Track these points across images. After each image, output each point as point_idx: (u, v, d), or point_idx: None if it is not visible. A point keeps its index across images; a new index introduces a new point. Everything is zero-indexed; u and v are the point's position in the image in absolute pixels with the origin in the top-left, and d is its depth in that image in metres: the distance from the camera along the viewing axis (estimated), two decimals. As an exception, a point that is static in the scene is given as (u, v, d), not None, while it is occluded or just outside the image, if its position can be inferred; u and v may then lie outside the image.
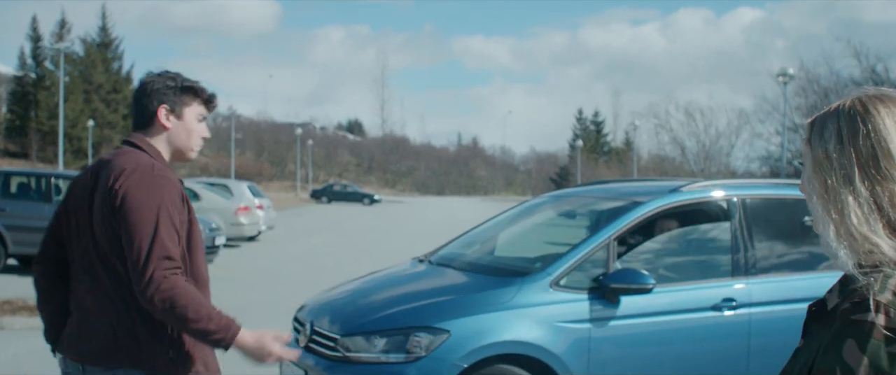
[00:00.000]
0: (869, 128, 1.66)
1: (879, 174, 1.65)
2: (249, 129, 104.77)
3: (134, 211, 3.13)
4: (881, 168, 1.65)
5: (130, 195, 3.15)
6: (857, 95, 1.74)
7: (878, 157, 1.65)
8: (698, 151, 76.14)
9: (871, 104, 1.70)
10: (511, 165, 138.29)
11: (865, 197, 1.65)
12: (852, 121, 1.69)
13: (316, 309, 6.44)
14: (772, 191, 7.08)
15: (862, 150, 1.66)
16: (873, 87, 1.77)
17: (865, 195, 1.65)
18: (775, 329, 6.42)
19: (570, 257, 6.01)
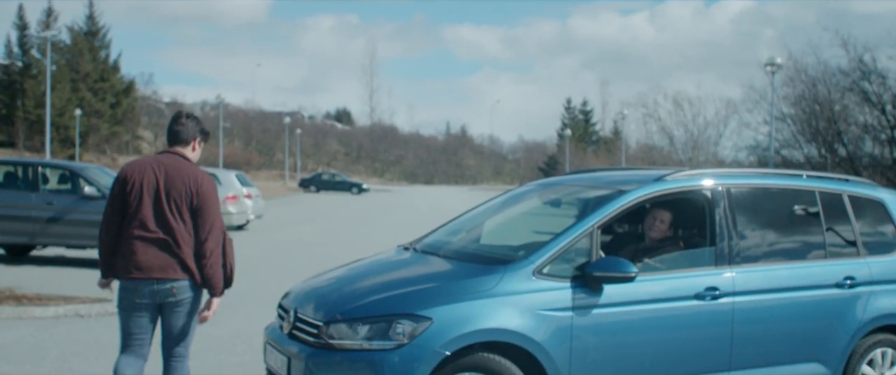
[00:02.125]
0: None
1: None
2: (238, 118, 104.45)
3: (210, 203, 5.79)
4: None
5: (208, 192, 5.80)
6: None
7: None
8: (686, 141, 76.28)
9: None
10: (499, 154, 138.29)
11: None
12: None
13: (300, 296, 6.44)
14: (757, 181, 7.10)
15: None
16: None
17: None
18: (758, 317, 6.45)
19: (554, 245, 6.02)
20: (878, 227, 7.25)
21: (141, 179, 5.70)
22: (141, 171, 5.74)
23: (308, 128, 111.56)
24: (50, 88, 53.66)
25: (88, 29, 78.76)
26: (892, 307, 6.87)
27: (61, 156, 66.61)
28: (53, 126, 62.64)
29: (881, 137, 41.83)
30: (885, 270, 6.98)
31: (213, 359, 8.76)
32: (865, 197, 7.28)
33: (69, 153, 68.45)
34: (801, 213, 7.02)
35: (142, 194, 5.68)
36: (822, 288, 6.72)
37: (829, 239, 6.97)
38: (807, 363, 6.63)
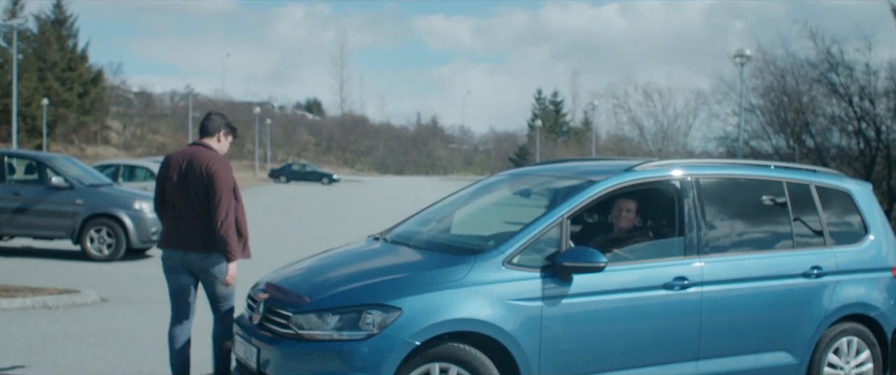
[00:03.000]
0: None
1: None
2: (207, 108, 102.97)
3: (218, 180, 6.65)
4: None
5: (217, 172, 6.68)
6: None
7: None
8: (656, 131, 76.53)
9: None
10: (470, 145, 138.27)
11: None
12: None
13: (270, 287, 6.42)
14: (726, 171, 7.13)
15: None
16: None
17: None
18: (727, 307, 6.50)
19: (523, 235, 6.03)
20: (845, 218, 7.31)
21: (172, 166, 6.81)
22: (173, 160, 6.86)
23: (278, 119, 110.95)
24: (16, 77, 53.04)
25: (56, 17, 77.93)
26: (858, 296, 6.93)
27: (28, 146, 65.93)
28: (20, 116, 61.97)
29: (848, 129, 42.15)
30: (852, 260, 7.05)
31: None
32: (832, 187, 7.33)
33: (36, 143, 67.73)
34: (769, 204, 7.06)
35: (172, 179, 6.76)
36: (789, 277, 6.77)
37: (797, 230, 7.02)
38: (774, 351, 6.68)
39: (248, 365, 6.12)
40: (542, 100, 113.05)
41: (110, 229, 15.69)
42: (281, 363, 5.73)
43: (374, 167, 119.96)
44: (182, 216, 6.74)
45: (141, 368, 7.95)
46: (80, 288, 11.83)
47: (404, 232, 7.15)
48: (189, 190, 6.69)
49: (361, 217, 30.12)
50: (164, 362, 8.19)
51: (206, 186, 6.66)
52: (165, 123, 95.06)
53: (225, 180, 6.70)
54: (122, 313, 10.61)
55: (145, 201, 16.09)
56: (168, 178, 6.79)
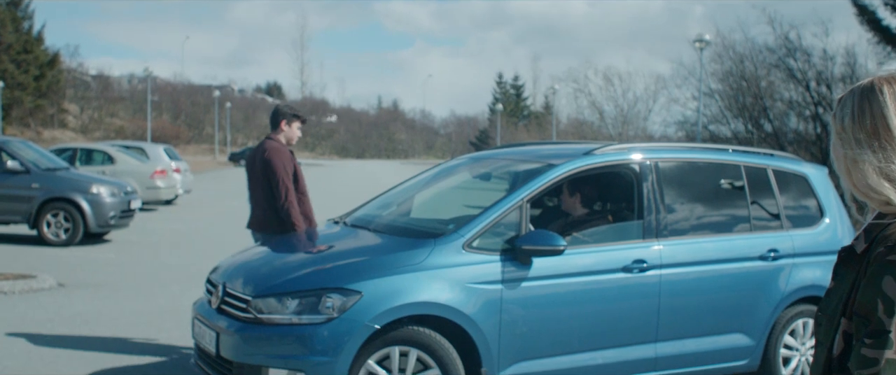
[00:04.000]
0: (873, 108, 2.04)
1: (881, 146, 2.02)
2: (166, 92, 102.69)
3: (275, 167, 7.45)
4: (882, 140, 2.02)
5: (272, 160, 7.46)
6: (871, 78, 2.09)
7: (880, 133, 2.03)
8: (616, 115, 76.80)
9: (879, 84, 2.06)
10: (431, 129, 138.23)
11: (875, 165, 2.02)
12: (863, 99, 2.06)
13: (229, 271, 6.39)
14: (685, 155, 7.17)
15: (867, 126, 2.04)
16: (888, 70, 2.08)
17: (875, 163, 2.02)
18: (685, 289, 6.55)
19: (483, 219, 6.04)
20: (802, 201, 7.38)
21: (248, 159, 7.82)
22: (249, 154, 7.87)
23: (238, 102, 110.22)
24: (-29, 60, 52.27)
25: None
26: (814, 278, 7.01)
27: (-16, 129, 65.05)
28: (-25, 98, 61.13)
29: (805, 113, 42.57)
30: (808, 243, 7.12)
31: (142, 335, 8.67)
32: (789, 171, 7.40)
33: (-8, 126, 66.85)
34: (727, 187, 7.12)
35: (248, 170, 7.74)
36: (746, 260, 6.83)
37: (754, 213, 7.09)
38: (731, 333, 6.75)
39: (207, 350, 6.09)
40: (503, 84, 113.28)
41: (67, 213, 15.52)
42: (240, 347, 5.71)
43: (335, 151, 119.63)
44: (256, 201, 7.67)
45: (98, 353, 7.89)
46: (37, 273, 11.70)
47: (364, 216, 7.14)
48: (258, 179, 7.59)
49: (321, 201, 30.00)
50: (122, 346, 8.15)
51: (267, 173, 7.46)
52: (124, 107, 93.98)
53: (280, 167, 7.46)
54: (79, 298, 10.52)
55: (103, 185, 15.93)
56: (247, 169, 7.78)
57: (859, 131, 2.06)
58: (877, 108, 2.05)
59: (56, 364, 7.51)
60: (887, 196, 2.03)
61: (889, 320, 1.92)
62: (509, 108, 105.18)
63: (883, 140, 2.03)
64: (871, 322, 1.95)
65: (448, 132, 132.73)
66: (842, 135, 2.11)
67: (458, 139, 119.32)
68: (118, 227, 16.40)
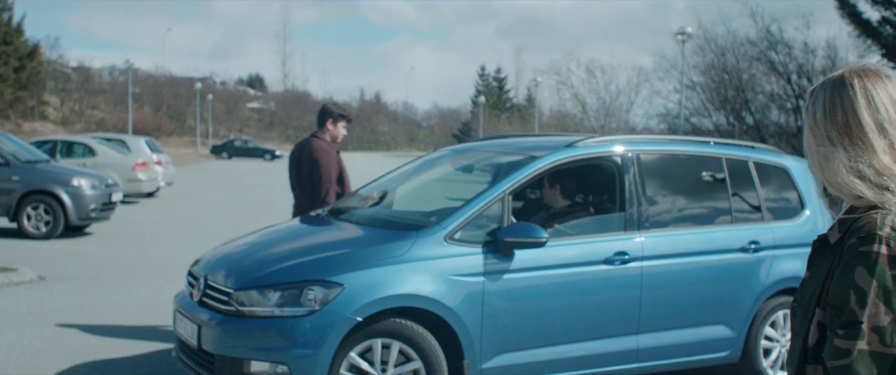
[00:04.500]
0: (845, 103, 2.06)
1: (852, 142, 2.04)
2: (148, 84, 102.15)
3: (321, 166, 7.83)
4: (853, 136, 2.04)
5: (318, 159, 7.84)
6: (843, 70, 2.11)
7: (851, 128, 2.04)
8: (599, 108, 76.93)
9: (851, 78, 2.08)
10: (414, 121, 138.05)
11: (845, 163, 2.04)
12: (834, 94, 2.09)
13: (211, 264, 6.37)
14: (666, 147, 7.19)
15: (839, 121, 2.06)
16: (859, 62, 2.14)
17: (845, 161, 2.04)
18: (666, 281, 6.57)
19: (465, 211, 6.04)
20: (783, 193, 7.41)
21: (292, 155, 8.21)
22: (294, 150, 8.24)
23: (220, 94, 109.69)
24: (-50, 52, 51.89)
25: (-10, -10, 76.26)
26: (795, 270, 7.04)
27: (-37, 121, 64.58)
28: (-46, 91, 60.69)
29: (786, 106, 42.78)
30: (789, 234, 7.15)
31: (123, 328, 8.63)
32: (770, 163, 7.43)
33: (-29, 119, 66.39)
34: (709, 179, 7.14)
35: (291, 165, 8.15)
36: (727, 252, 6.86)
37: (735, 205, 7.11)
38: (713, 325, 6.77)
39: (188, 343, 6.07)
40: (486, 77, 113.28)
41: (48, 206, 15.44)
42: (222, 340, 5.69)
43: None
44: (299, 194, 8.05)
45: (79, 346, 7.86)
46: (17, 266, 11.64)
47: (346, 208, 7.13)
48: (301, 174, 7.96)
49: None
50: (102, 340, 8.12)
51: (312, 170, 7.85)
52: (105, 99, 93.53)
53: (325, 166, 7.85)
54: (60, 291, 10.47)
55: (84, 178, 15.85)
56: (290, 165, 8.17)
57: (831, 127, 2.08)
58: (847, 103, 2.06)
59: (36, 358, 7.48)
60: (858, 190, 2.04)
61: (861, 311, 1.93)
62: (492, 101, 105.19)
63: (854, 136, 2.05)
64: (844, 313, 1.96)
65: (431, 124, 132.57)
66: (814, 129, 2.12)
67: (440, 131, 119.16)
68: (99, 220, 16.32)
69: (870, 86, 2.07)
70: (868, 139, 2.04)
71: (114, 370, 7.24)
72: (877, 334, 1.93)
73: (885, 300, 1.93)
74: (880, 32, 29.90)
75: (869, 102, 2.06)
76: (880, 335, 1.93)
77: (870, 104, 2.06)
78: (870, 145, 2.04)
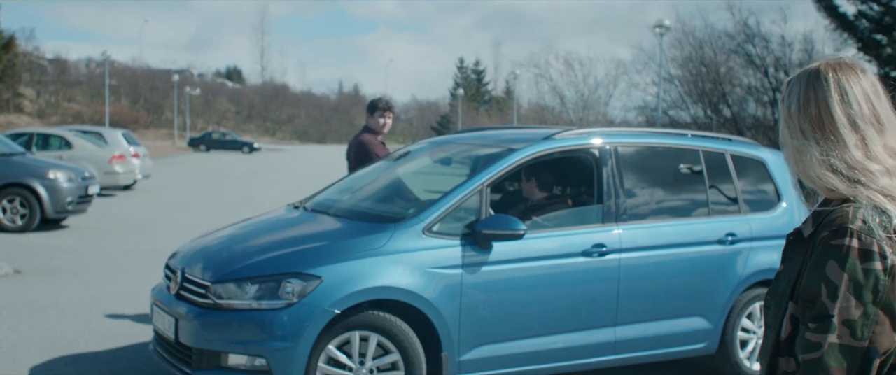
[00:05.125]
0: (818, 96, 2.08)
1: (825, 136, 2.06)
2: (124, 76, 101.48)
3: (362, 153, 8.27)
4: (826, 130, 2.06)
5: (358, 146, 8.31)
6: (819, 62, 2.13)
7: (823, 122, 2.06)
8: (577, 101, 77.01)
9: (825, 72, 2.11)
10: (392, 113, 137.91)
11: (817, 156, 2.06)
12: (809, 87, 2.11)
13: (188, 256, 6.34)
14: (644, 140, 7.21)
15: (812, 115, 2.08)
16: (835, 55, 2.17)
17: (818, 155, 2.06)
18: (644, 273, 6.59)
19: (443, 203, 6.04)
20: (759, 186, 7.45)
21: (349, 147, 8.61)
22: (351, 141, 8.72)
23: (198, 87, 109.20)
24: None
25: (-35, -18, 75.62)
26: (771, 262, 7.07)
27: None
28: (-72, 83, 60.17)
29: (764, 99, 42.98)
30: (765, 227, 7.18)
31: (100, 322, 8.59)
32: (747, 156, 7.46)
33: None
34: (686, 172, 7.17)
35: (348, 158, 8.51)
36: (705, 244, 6.88)
37: (713, 197, 7.14)
38: (690, 317, 6.80)
39: (166, 336, 6.05)
40: (465, 69, 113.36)
41: (23, 199, 15.34)
42: (199, 333, 5.67)
43: (296, 136, 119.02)
44: None
45: (56, 340, 7.82)
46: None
47: (324, 201, 7.11)
48: (354, 165, 8.22)
49: (282, 185, 29.92)
50: (79, 333, 8.08)
51: (360, 160, 8.18)
52: (81, 91, 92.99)
53: (373, 155, 8.21)
54: (35, 284, 10.41)
55: (60, 170, 15.75)
56: (347, 157, 8.55)
57: (804, 120, 2.09)
58: (821, 97, 2.08)
59: (12, 352, 7.44)
60: (831, 184, 2.06)
61: (832, 304, 1.95)
62: (470, 93, 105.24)
63: (827, 129, 2.06)
64: (815, 307, 1.98)
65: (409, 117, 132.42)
66: (789, 122, 2.14)
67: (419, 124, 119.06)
68: (76, 213, 16.22)
69: (844, 81, 2.08)
70: (840, 134, 2.05)
71: (90, 363, 7.21)
72: (847, 327, 1.94)
73: (855, 293, 1.94)
74: (856, 26, 30.06)
75: (842, 97, 2.07)
76: (851, 328, 1.94)
77: (843, 99, 2.07)
78: (842, 140, 2.05)
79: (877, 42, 29.49)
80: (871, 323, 1.95)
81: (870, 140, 2.06)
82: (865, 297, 1.94)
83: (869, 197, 2.02)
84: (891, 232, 1.98)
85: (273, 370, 5.49)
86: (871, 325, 1.95)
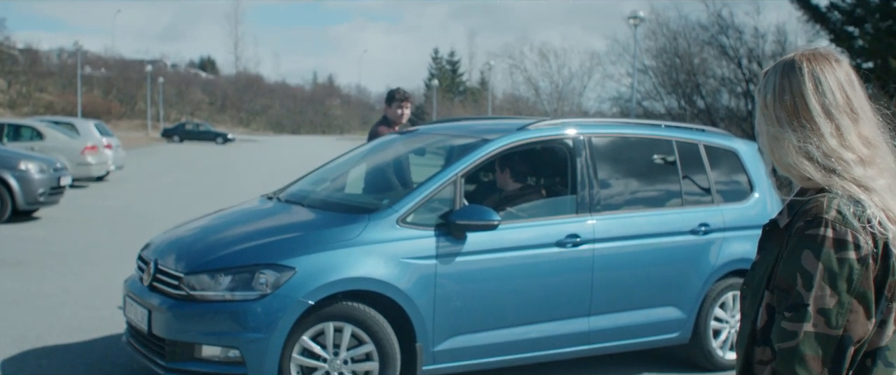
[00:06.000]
0: (793, 86, 2.10)
1: (801, 124, 2.07)
2: (97, 66, 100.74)
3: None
4: (801, 119, 2.08)
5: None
6: (795, 53, 2.14)
7: (799, 112, 2.08)
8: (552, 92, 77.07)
9: (800, 62, 2.12)
10: (367, 104, 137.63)
11: (794, 143, 2.07)
12: (784, 77, 2.12)
13: (161, 248, 6.31)
14: (618, 130, 7.23)
15: (787, 104, 2.10)
16: (811, 46, 2.22)
17: (794, 142, 2.07)
18: (618, 263, 6.61)
19: (418, 194, 6.04)
20: (733, 176, 7.48)
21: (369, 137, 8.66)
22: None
23: (171, 77, 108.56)
24: None
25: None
26: (744, 252, 7.11)
27: None
28: None
29: (737, 90, 43.17)
30: (738, 217, 7.22)
31: (72, 314, 8.54)
32: (720, 146, 7.49)
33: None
34: (660, 162, 7.19)
35: None
36: (678, 234, 6.91)
37: (686, 188, 7.16)
38: (664, 306, 6.83)
39: (139, 328, 6.02)
40: (439, 60, 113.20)
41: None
42: (172, 324, 5.65)
43: (270, 126, 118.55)
44: None
45: (26, 332, 7.76)
46: None
47: (298, 192, 7.09)
48: None
49: (256, 176, 29.81)
50: (50, 326, 8.02)
51: None
52: (53, 81, 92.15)
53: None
54: (6, 276, 10.33)
55: (32, 161, 15.61)
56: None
57: (780, 109, 2.11)
58: (796, 87, 2.10)
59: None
60: (807, 172, 2.08)
61: (808, 293, 1.97)
62: (445, 84, 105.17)
63: (802, 118, 2.08)
64: (791, 296, 1.99)
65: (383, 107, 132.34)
66: (764, 111, 2.16)
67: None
68: (48, 204, 16.10)
69: (818, 71, 2.10)
70: (815, 123, 2.07)
71: (62, 355, 7.16)
72: (823, 316, 1.96)
73: (830, 283, 1.96)
74: (828, 18, 30.22)
75: (816, 86, 2.09)
76: (826, 317, 1.96)
77: (817, 88, 2.09)
78: (817, 128, 2.07)
79: (849, 34, 29.66)
80: (845, 312, 1.97)
81: (844, 129, 2.08)
82: (840, 286, 1.96)
83: (843, 187, 2.03)
84: (864, 222, 1.99)
85: (247, 361, 5.48)
86: (845, 314, 1.97)
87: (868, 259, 1.99)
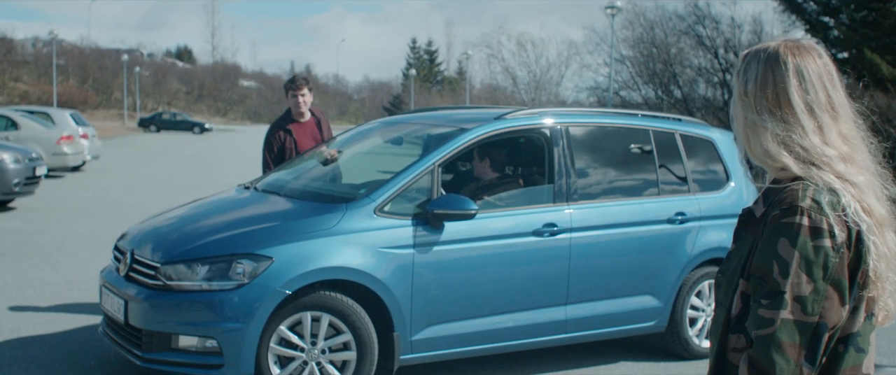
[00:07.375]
0: (777, 79, 2.10)
1: (782, 118, 2.08)
2: (73, 55, 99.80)
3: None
4: (783, 112, 2.09)
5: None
6: (778, 43, 2.14)
7: (781, 105, 2.09)
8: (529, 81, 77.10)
9: (784, 54, 2.12)
10: (345, 94, 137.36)
11: (773, 133, 2.09)
12: (767, 68, 2.12)
13: (137, 238, 6.28)
14: (595, 120, 7.24)
15: (769, 96, 2.10)
16: (794, 37, 2.19)
17: (773, 131, 2.09)
18: (595, 252, 6.63)
19: (395, 183, 6.04)
20: (709, 165, 7.52)
21: None
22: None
23: (148, 67, 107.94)
24: None
25: None
26: (720, 241, 7.15)
27: None
28: None
29: (714, 80, 43.39)
30: (714, 206, 7.26)
31: (48, 305, 8.49)
32: (697, 136, 7.52)
33: None
34: (636, 152, 7.21)
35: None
36: (654, 223, 6.94)
37: (662, 177, 7.19)
38: (640, 295, 6.86)
39: (115, 318, 5.99)
40: (417, 50, 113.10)
41: (-31, 180, 15.09)
42: (149, 314, 5.63)
43: (247, 116, 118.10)
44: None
45: (2, 324, 7.72)
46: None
47: (275, 181, 7.08)
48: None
49: (233, 166, 29.71)
50: (26, 317, 7.98)
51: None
52: (28, 71, 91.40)
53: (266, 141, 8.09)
54: (-18, 266, 10.26)
55: (6, 151, 15.50)
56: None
57: (761, 99, 2.12)
58: (780, 81, 2.10)
59: (-42, 335, 7.33)
60: (784, 163, 2.09)
61: (784, 281, 1.99)
62: (423, 74, 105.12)
63: (784, 111, 2.09)
64: (768, 284, 2.01)
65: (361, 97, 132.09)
66: (744, 99, 2.16)
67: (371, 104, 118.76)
68: (23, 195, 15.99)
69: (802, 66, 2.11)
70: (798, 118, 2.08)
71: (39, 347, 7.13)
72: (799, 303, 1.98)
73: (806, 270, 1.98)
74: (804, 8, 30.41)
75: (800, 82, 2.10)
76: (802, 304, 1.98)
77: (801, 84, 2.10)
78: (800, 124, 2.08)
79: (824, 24, 29.86)
80: (821, 299, 1.99)
81: (825, 126, 2.10)
82: (816, 274, 1.98)
83: (821, 177, 2.05)
84: (839, 211, 2.01)
85: (224, 351, 5.47)
86: (821, 301, 1.99)
87: (842, 247, 2.01)
